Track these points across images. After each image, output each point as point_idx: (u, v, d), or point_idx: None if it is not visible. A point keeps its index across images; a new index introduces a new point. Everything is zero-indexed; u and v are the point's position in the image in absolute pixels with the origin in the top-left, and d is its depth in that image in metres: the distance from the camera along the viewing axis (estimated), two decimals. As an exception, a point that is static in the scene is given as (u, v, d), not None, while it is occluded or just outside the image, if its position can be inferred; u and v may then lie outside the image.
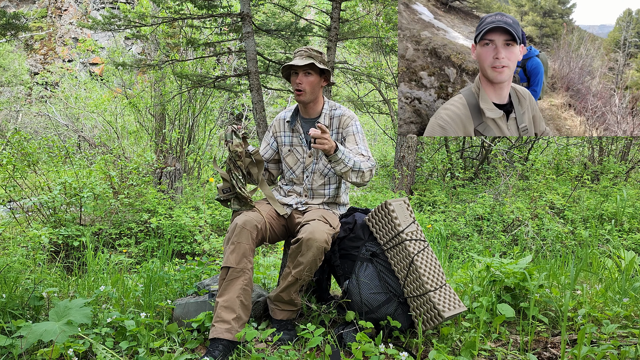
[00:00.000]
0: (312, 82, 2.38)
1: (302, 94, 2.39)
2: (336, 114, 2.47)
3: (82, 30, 18.66)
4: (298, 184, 2.52)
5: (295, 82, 2.38)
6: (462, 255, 5.16)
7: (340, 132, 2.44)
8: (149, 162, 7.47)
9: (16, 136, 6.84)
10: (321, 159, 2.46)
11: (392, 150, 12.35)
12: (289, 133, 2.52)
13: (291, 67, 2.42)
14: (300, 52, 2.40)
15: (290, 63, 2.37)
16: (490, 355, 2.05)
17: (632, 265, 3.02)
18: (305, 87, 2.37)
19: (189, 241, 5.62)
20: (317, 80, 2.40)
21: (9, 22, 3.71)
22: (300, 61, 2.34)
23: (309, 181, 2.48)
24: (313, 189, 2.48)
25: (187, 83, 7.42)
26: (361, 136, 2.43)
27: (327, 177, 2.48)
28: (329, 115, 2.47)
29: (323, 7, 10.45)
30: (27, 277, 3.06)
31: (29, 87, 17.81)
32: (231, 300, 2.13)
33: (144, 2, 9.28)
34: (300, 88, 2.37)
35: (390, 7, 8.06)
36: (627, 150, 8.51)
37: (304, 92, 2.38)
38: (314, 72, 2.38)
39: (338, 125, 2.45)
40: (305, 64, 2.34)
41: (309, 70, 2.37)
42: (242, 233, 2.20)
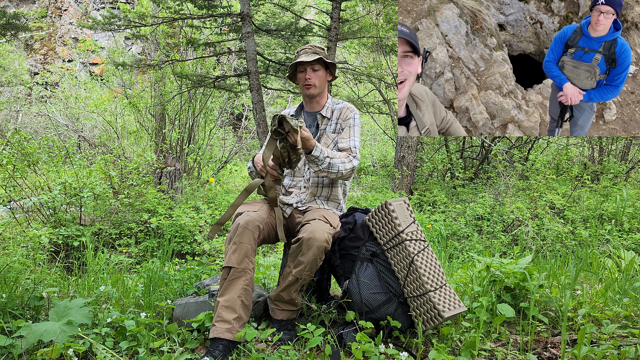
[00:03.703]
0: (320, 76, 2.49)
1: (311, 87, 2.48)
2: (338, 107, 2.57)
3: (82, 30, 18.66)
4: (299, 175, 2.56)
5: (304, 77, 2.48)
6: (462, 255, 5.16)
7: (339, 123, 2.53)
8: (149, 162, 7.47)
9: (16, 136, 6.84)
10: None
11: (392, 150, 12.35)
12: None
13: (298, 65, 2.49)
14: (304, 50, 2.50)
15: (298, 60, 2.45)
16: (490, 355, 2.05)
17: (632, 265, 3.02)
18: (315, 81, 2.48)
19: (189, 241, 5.62)
20: (324, 74, 2.52)
21: (9, 22, 3.71)
22: (307, 57, 2.44)
23: (309, 172, 2.52)
24: (311, 179, 2.52)
25: (187, 83, 7.42)
26: (357, 129, 2.53)
27: None
28: (331, 108, 2.56)
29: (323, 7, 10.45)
30: (27, 277, 3.06)
31: (29, 87, 17.81)
32: (232, 300, 2.13)
33: (144, 2, 9.28)
34: (310, 83, 2.47)
35: (390, 7, 8.05)
36: (627, 150, 8.51)
37: (313, 86, 2.48)
38: (321, 67, 2.49)
39: (339, 115, 2.54)
40: (313, 59, 2.43)
41: (316, 65, 2.47)
42: (244, 233, 2.20)
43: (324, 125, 2.53)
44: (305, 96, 2.55)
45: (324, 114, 2.54)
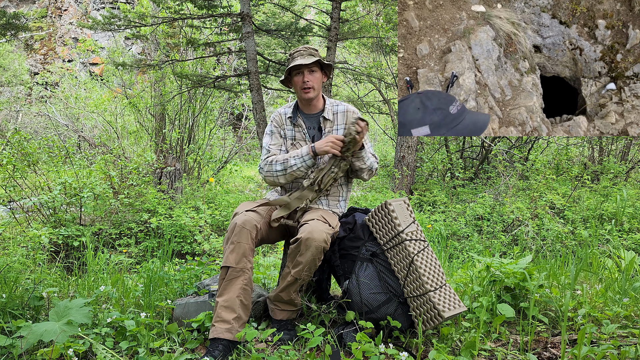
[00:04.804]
0: (317, 78, 2.46)
1: (310, 91, 2.44)
2: (340, 110, 2.54)
3: (82, 30, 18.65)
4: (301, 177, 2.54)
5: (302, 80, 2.43)
6: (462, 255, 5.16)
7: (347, 129, 2.49)
8: (149, 162, 7.46)
9: (16, 136, 6.84)
10: None
11: (392, 150, 12.35)
12: (290, 127, 2.56)
13: (294, 68, 2.44)
14: (300, 52, 2.45)
15: (296, 63, 2.40)
16: (490, 355, 2.05)
17: (632, 265, 3.02)
18: (313, 84, 2.44)
19: (189, 241, 5.62)
20: (320, 76, 2.48)
21: (9, 22, 3.71)
22: (304, 60, 2.39)
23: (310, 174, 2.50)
24: None
25: (187, 83, 7.42)
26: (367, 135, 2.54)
27: None
28: (332, 111, 2.53)
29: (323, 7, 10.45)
30: (27, 277, 3.06)
31: (29, 87, 17.80)
32: (231, 300, 2.13)
33: (144, 2, 9.28)
34: (308, 86, 2.43)
35: (390, 7, 8.05)
36: (627, 150, 8.51)
37: (311, 89, 2.44)
38: (317, 69, 2.46)
39: (344, 120, 2.52)
40: (312, 62, 2.40)
41: (313, 67, 2.43)
42: (242, 233, 2.20)
43: (328, 128, 2.51)
44: (303, 100, 2.50)
45: (326, 117, 2.50)
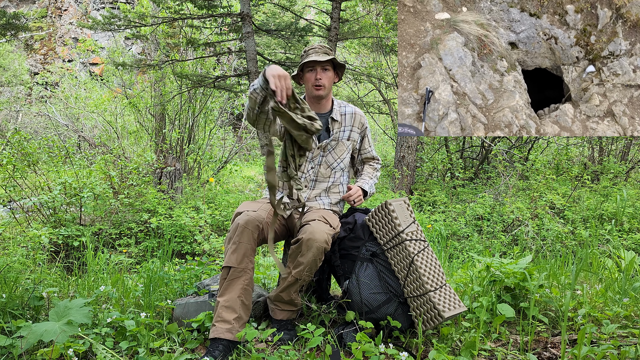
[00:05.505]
0: (330, 77, 2.44)
1: (321, 89, 2.42)
2: (347, 111, 2.55)
3: (82, 30, 18.65)
4: (301, 174, 2.54)
5: (315, 77, 2.41)
6: (462, 255, 5.16)
7: (353, 130, 2.57)
8: (149, 162, 7.46)
9: (16, 136, 6.84)
10: (330, 153, 2.52)
11: (392, 150, 12.35)
12: None
13: (308, 64, 2.41)
14: (315, 49, 2.42)
15: (310, 59, 2.37)
16: (490, 355, 2.05)
17: (632, 265, 3.02)
18: (325, 82, 2.42)
19: (189, 241, 5.62)
20: (332, 75, 2.46)
21: (9, 22, 3.71)
22: (319, 57, 2.37)
23: (314, 172, 2.51)
24: (317, 179, 2.52)
25: (187, 83, 7.42)
26: (370, 135, 2.65)
27: (334, 170, 2.54)
28: (340, 112, 2.54)
29: (323, 7, 10.45)
30: (27, 277, 3.06)
31: (29, 87, 17.81)
32: (232, 300, 2.13)
33: (144, 2, 9.28)
34: (320, 83, 2.41)
35: (390, 7, 8.05)
36: (627, 150, 8.51)
37: (323, 87, 2.42)
38: (330, 68, 2.44)
39: (352, 122, 2.55)
40: (326, 60, 2.38)
41: (327, 65, 2.42)
42: (244, 233, 2.20)
43: (336, 129, 2.50)
44: (313, 97, 2.47)
45: (335, 118, 2.50)
